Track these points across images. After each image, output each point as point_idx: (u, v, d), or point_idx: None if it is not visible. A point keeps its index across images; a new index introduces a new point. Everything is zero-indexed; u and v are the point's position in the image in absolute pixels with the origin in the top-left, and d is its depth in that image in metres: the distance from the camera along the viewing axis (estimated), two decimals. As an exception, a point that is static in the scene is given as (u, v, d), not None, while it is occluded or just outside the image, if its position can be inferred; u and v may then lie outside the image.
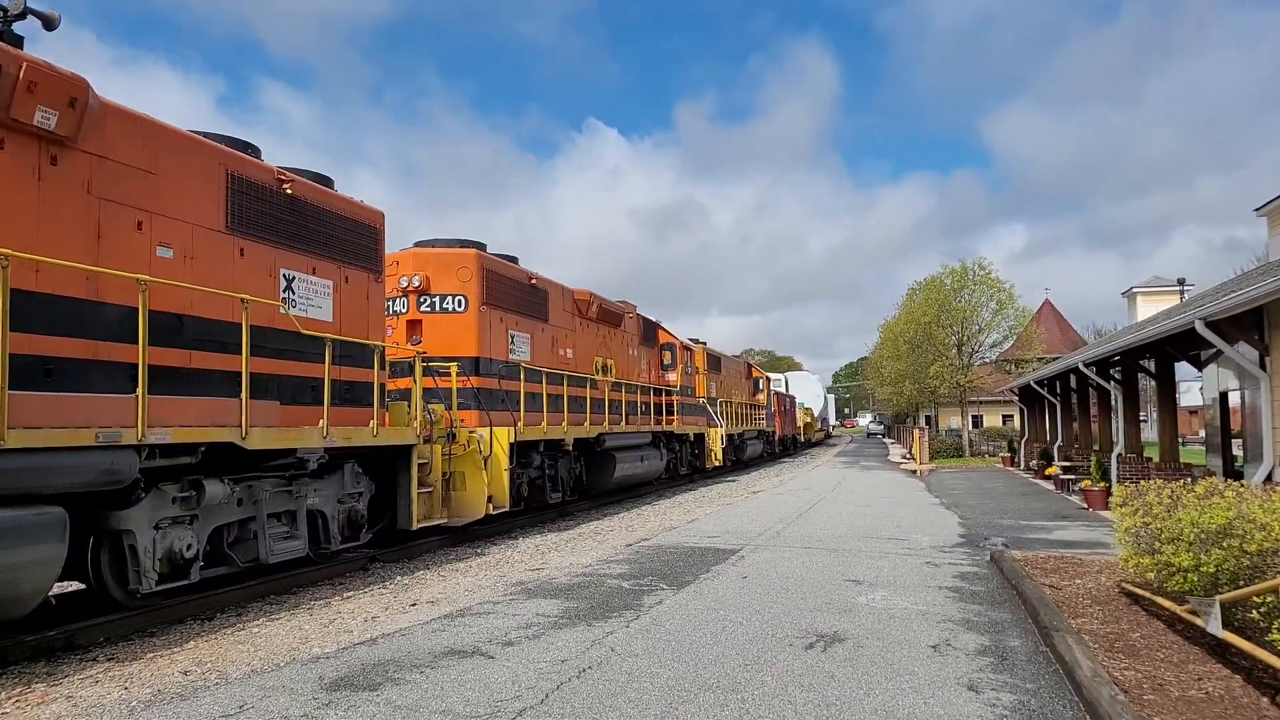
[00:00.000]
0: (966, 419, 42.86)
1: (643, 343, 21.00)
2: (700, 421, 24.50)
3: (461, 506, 11.48)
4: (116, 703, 5.08)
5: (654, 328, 22.47)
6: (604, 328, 18.05)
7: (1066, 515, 14.56)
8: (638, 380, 19.95)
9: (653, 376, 21.82)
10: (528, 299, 14.76)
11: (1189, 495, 6.66)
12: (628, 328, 19.82)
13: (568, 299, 16.42)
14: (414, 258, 13.13)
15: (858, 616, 7.01)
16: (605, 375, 17.75)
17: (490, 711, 4.75)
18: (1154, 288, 35.19)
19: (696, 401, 24.59)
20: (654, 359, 22.17)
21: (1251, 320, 10.57)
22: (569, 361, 15.91)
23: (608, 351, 18.20)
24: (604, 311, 17.88)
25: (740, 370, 33.36)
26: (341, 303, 9.64)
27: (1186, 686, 4.96)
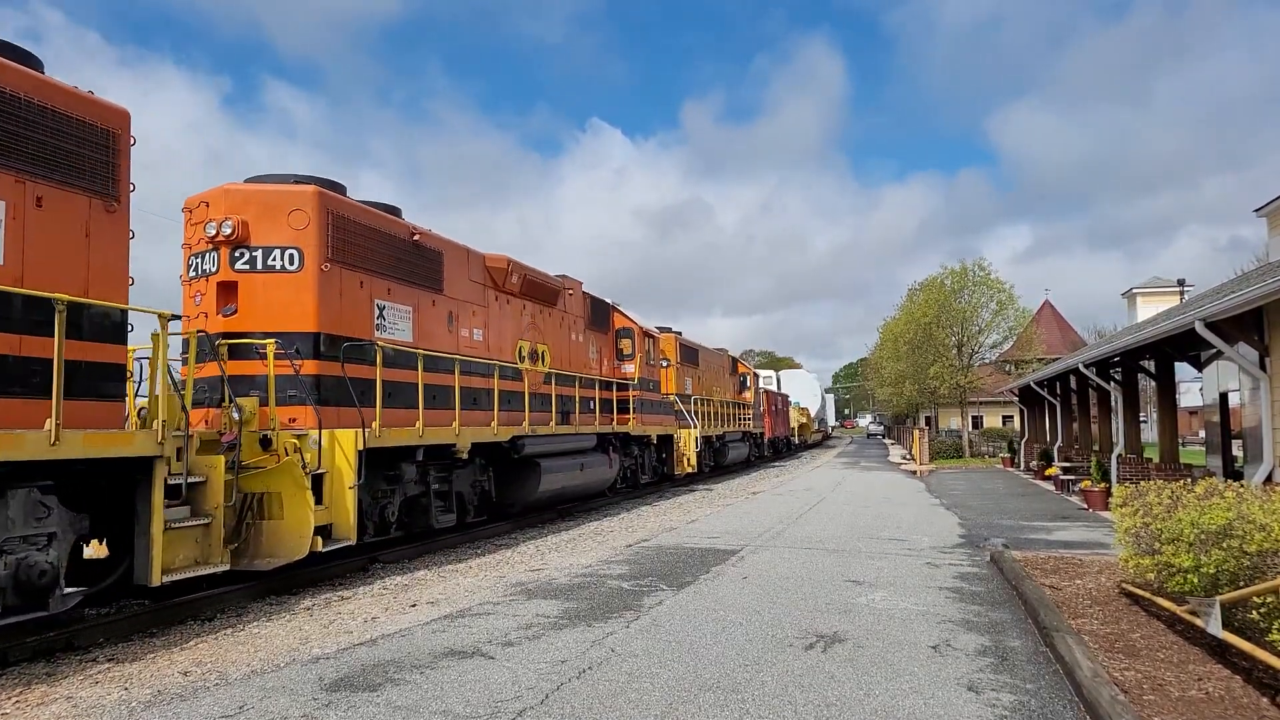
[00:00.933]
0: (966, 420, 42.87)
1: (592, 327, 17.60)
2: (668, 421, 21.25)
3: (275, 542, 8.26)
4: (116, 703, 5.08)
5: (606, 310, 18.83)
6: (533, 306, 14.68)
7: (1066, 516, 14.56)
8: (584, 371, 16.61)
9: (606, 368, 18.42)
10: (407, 261, 11.23)
11: (1189, 496, 6.67)
12: (569, 308, 16.34)
13: (475, 266, 12.97)
14: (226, 197, 9.52)
15: (858, 617, 7.01)
16: (536, 364, 14.54)
17: (490, 712, 4.75)
18: (1154, 288, 35.20)
19: (663, 398, 21.37)
20: (607, 347, 18.68)
21: (1251, 321, 10.57)
22: (476, 345, 12.74)
23: (538, 335, 14.85)
24: (531, 285, 14.50)
25: (723, 365, 30.23)
26: (27, 237, 6.44)
27: (1186, 687, 4.96)
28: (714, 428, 26.04)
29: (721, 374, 29.33)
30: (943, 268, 40.99)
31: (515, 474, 13.45)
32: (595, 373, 17.46)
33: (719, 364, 29.46)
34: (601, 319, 18.42)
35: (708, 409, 25.30)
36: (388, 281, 10.80)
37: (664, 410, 21.14)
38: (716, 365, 28.92)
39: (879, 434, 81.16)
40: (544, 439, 13.92)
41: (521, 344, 14.29)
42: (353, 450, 8.98)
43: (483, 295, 13.21)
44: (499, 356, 13.29)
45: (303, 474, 8.27)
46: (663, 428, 20.82)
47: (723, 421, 27.44)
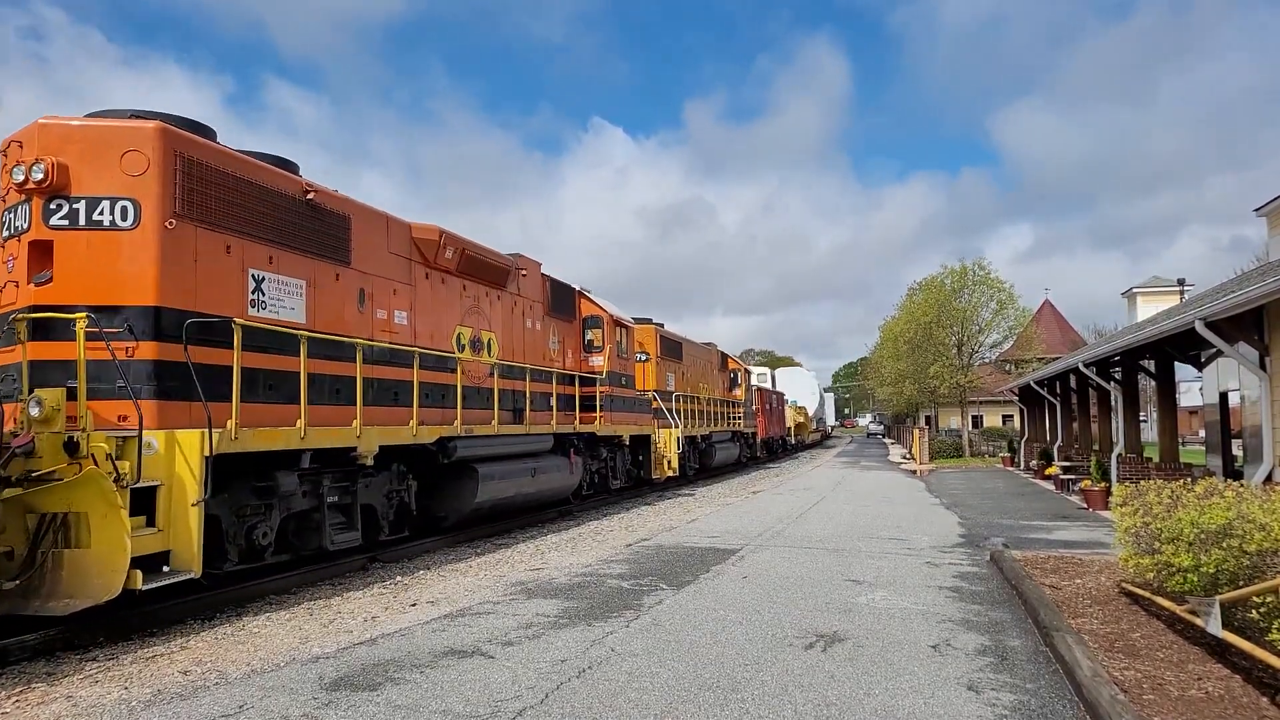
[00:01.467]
0: (966, 419, 42.87)
1: (554, 314, 15.59)
2: (644, 420, 19.43)
3: (77, 577, 6.27)
4: (116, 702, 5.08)
5: (571, 296, 16.58)
6: (476, 286, 12.68)
7: (1066, 515, 14.56)
8: (541, 363, 14.55)
9: (571, 361, 16.35)
10: (300, 224, 9.05)
11: (1189, 495, 6.66)
12: (524, 290, 14.27)
13: (398, 236, 10.81)
14: (41, 134, 7.36)
15: (858, 616, 7.01)
16: (479, 354, 12.58)
17: (490, 711, 4.75)
18: (1154, 288, 35.22)
19: (639, 395, 19.50)
20: (572, 338, 16.48)
21: (1251, 320, 10.57)
22: (399, 329, 10.67)
23: (483, 321, 12.85)
24: (472, 262, 12.40)
25: (711, 361, 28.28)
26: None
27: (1186, 686, 4.96)
28: (699, 427, 24.36)
29: (709, 370, 27.57)
30: (943, 267, 41.02)
31: (448, 482, 11.62)
32: (557, 365, 15.40)
33: (706, 359, 27.61)
34: (565, 306, 16.27)
35: (692, 407, 23.59)
36: (269, 248, 8.63)
37: (639, 408, 19.24)
38: (703, 360, 27.10)
39: (879, 433, 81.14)
40: (483, 440, 11.97)
41: (461, 330, 12.19)
42: (197, 456, 6.96)
43: (409, 272, 11.03)
44: (430, 344, 11.25)
45: (113, 488, 6.19)
46: (638, 427, 18.88)
47: (710, 420, 25.79)
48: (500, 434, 12.55)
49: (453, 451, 11.22)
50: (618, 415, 17.60)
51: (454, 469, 11.53)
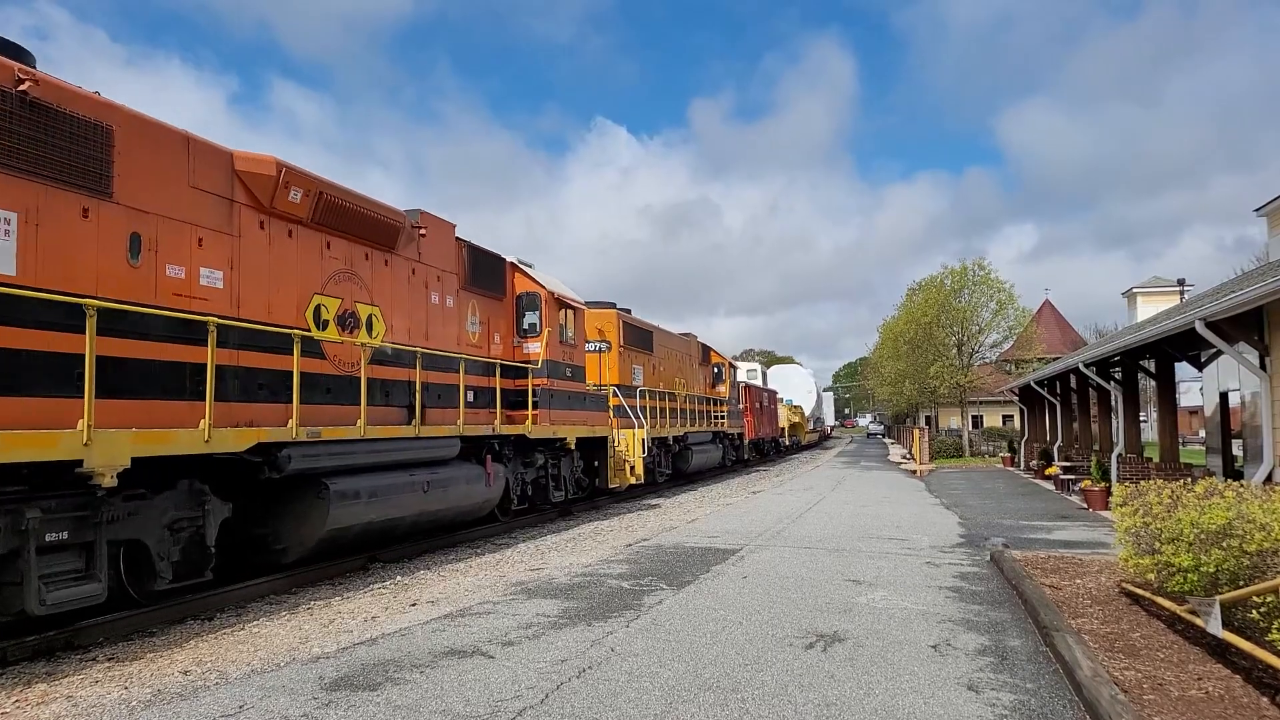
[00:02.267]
0: (966, 419, 42.88)
1: (473, 288, 12.83)
2: (598, 419, 16.36)
3: None
4: (116, 703, 5.08)
5: (498, 267, 13.73)
6: (350, 246, 9.93)
7: (1066, 515, 14.56)
8: (456, 349, 11.98)
9: (501, 347, 13.65)
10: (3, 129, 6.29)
11: (1189, 495, 6.67)
12: (428, 256, 11.51)
13: (210, 165, 8.18)
14: None
15: (858, 616, 7.01)
16: (354, 334, 9.91)
17: (490, 712, 4.75)
18: (1154, 288, 35.22)
19: (594, 390, 16.68)
20: (501, 319, 13.72)
21: (1251, 320, 10.57)
22: (208, 295, 8.01)
23: (360, 291, 10.07)
24: (339, 212, 9.61)
25: (690, 353, 25.76)
26: None
27: (1186, 686, 4.95)
28: (673, 427, 21.78)
29: (687, 363, 25.17)
30: (943, 267, 41.07)
31: (287, 504, 8.83)
32: (479, 351, 12.82)
33: (684, 351, 25.01)
34: (491, 280, 13.44)
35: (664, 404, 21.22)
36: None
37: (592, 405, 16.23)
38: (680, 353, 24.49)
39: (879, 434, 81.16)
40: (337, 447, 9.02)
41: (322, 302, 9.41)
42: None
43: (229, 216, 8.36)
44: (267, 316, 8.64)
45: None
46: (588, 428, 15.71)
47: (686, 420, 23.23)
48: (370, 438, 9.47)
49: (284, 463, 8.28)
50: (559, 414, 14.66)
51: (293, 485, 8.66)
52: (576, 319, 16.06)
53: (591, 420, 16.11)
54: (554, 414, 14.51)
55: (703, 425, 25.19)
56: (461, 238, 12.61)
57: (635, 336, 20.49)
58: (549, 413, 14.26)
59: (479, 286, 13.10)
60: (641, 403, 19.37)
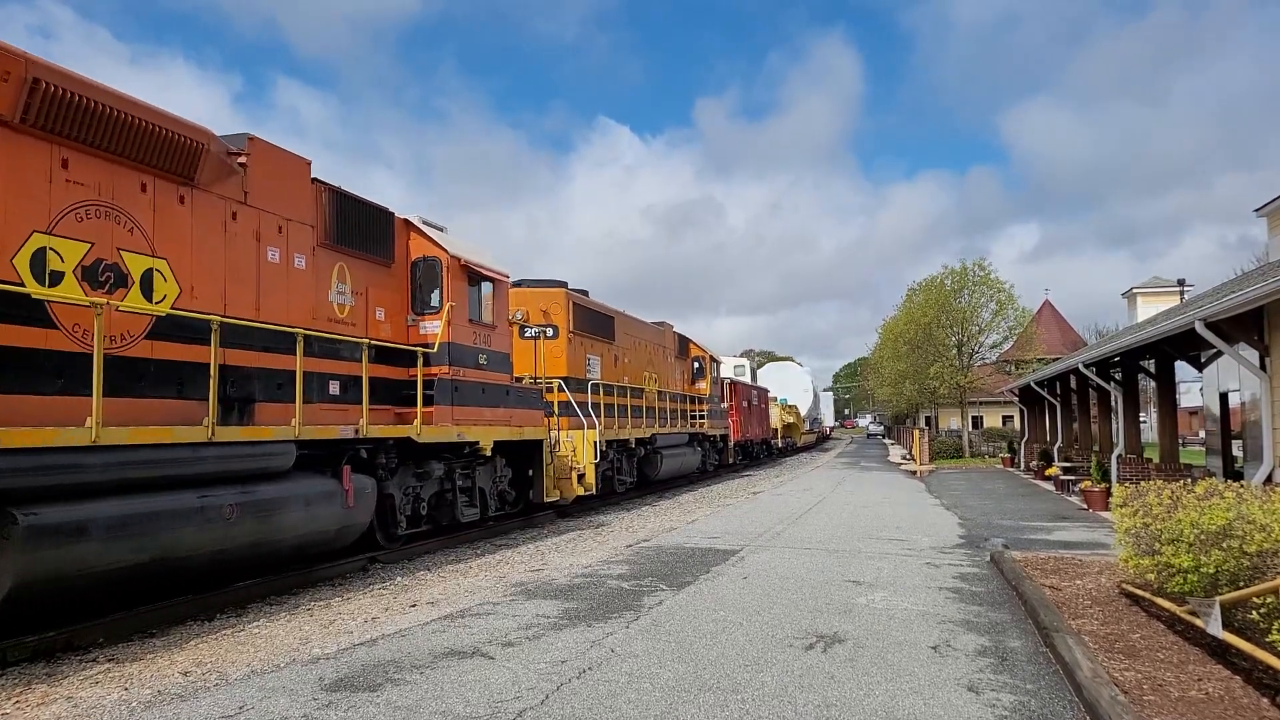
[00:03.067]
0: (966, 420, 42.90)
1: (338, 246, 9.80)
2: (528, 418, 13.45)
3: None
4: (116, 703, 5.08)
5: (381, 221, 10.59)
6: (103, 167, 7.15)
7: (1066, 516, 14.56)
8: (309, 324, 9.13)
9: (387, 326, 10.63)
10: None
11: (1189, 496, 6.67)
12: (257, 197, 8.67)
13: None
14: None
15: (858, 617, 7.01)
16: (113, 293, 7.11)
17: (490, 712, 4.75)
18: (1154, 288, 35.26)
19: (523, 385, 14.01)
20: (390, 288, 10.76)
21: (1251, 321, 10.58)
22: None
23: (135, 235, 7.40)
24: (79, 113, 6.80)
25: (664, 345, 22.88)
26: None
27: (1186, 687, 4.95)
28: (637, 428, 18.93)
29: (660, 356, 22.33)
30: (943, 267, 41.09)
31: None
32: (352, 330, 9.92)
33: (655, 342, 22.09)
34: (372, 239, 10.38)
35: (629, 401, 18.56)
36: None
37: (518, 400, 13.21)
38: (651, 344, 21.61)
39: (879, 434, 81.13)
40: (42, 459, 6.15)
41: (49, 244, 6.65)
42: None
43: None
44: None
45: None
46: (512, 429, 12.83)
47: (656, 419, 20.68)
48: (115, 445, 6.62)
49: None
50: (468, 411, 11.63)
51: None
52: (497, 294, 12.74)
53: (518, 419, 13.19)
54: (460, 411, 11.46)
55: (677, 425, 22.68)
56: (323, 180, 9.61)
57: (591, 321, 17.63)
58: (452, 410, 11.25)
59: (353, 246, 10.05)
60: (596, 399, 16.68)
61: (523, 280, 16.22)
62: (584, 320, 17.20)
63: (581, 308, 17.18)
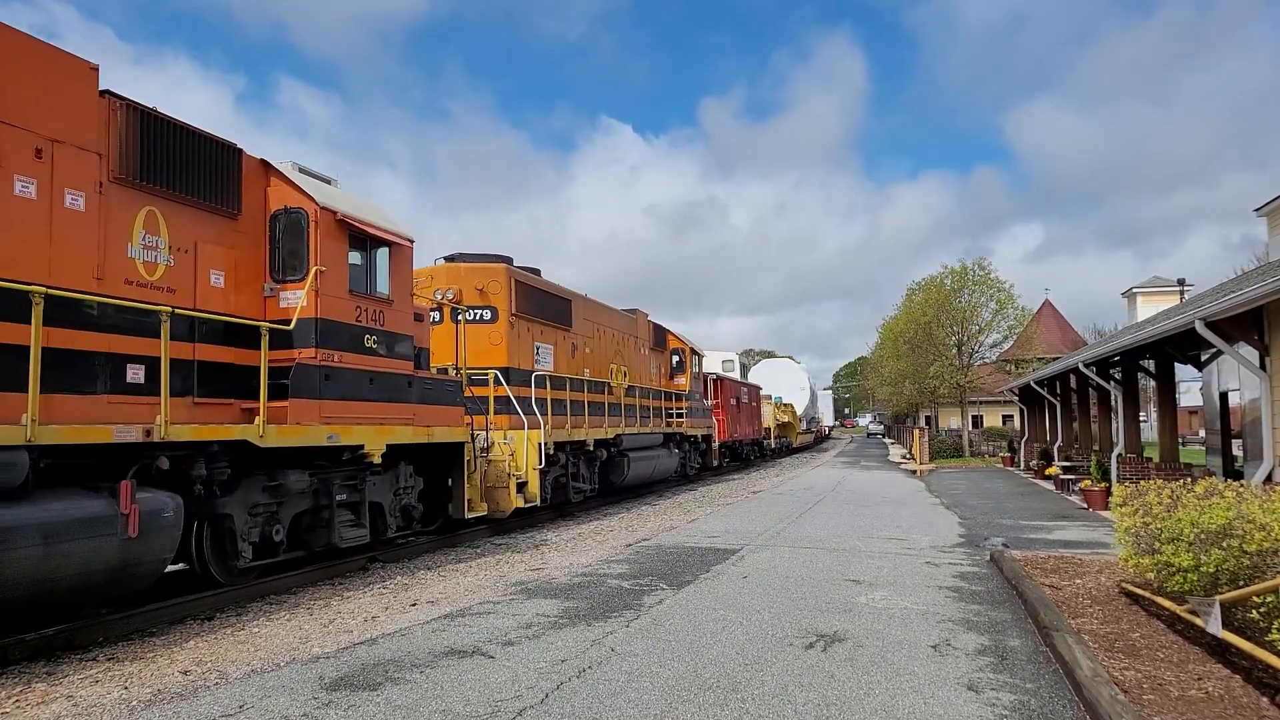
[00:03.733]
0: (966, 419, 42.90)
1: (148, 185, 7.53)
2: (446, 416, 11.04)
3: None
4: (116, 702, 5.08)
5: (220, 159, 8.34)
6: None
7: (1066, 515, 14.56)
8: (82, 286, 6.80)
9: (234, 297, 8.51)
10: None
11: (1189, 495, 6.67)
12: (49, 123, 6.62)
13: None
14: None
15: (858, 616, 7.01)
16: None
17: (490, 711, 4.75)
18: (1154, 288, 35.33)
19: (435, 375, 11.47)
20: (237, 246, 8.55)
21: (1251, 320, 10.58)
22: None
23: None
24: None
25: (636, 335, 20.60)
26: None
27: (1186, 686, 4.96)
28: (596, 428, 16.48)
29: (631, 347, 20.05)
30: (943, 267, 41.08)
31: None
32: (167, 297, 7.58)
33: (625, 331, 19.75)
34: (206, 180, 8.15)
35: (588, 397, 16.24)
36: None
37: (430, 395, 10.67)
38: (619, 333, 19.36)
39: (879, 434, 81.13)
40: None
41: None
42: None
43: None
44: None
45: None
46: (416, 429, 10.35)
47: (624, 418, 18.30)
48: None
49: None
50: (350, 407, 9.21)
51: None
52: (396, 262, 10.13)
53: (426, 417, 10.50)
54: (334, 407, 8.94)
55: (650, 425, 20.27)
56: (122, 95, 7.28)
57: (540, 304, 15.27)
58: (320, 404, 8.77)
59: (172, 187, 7.71)
60: (543, 394, 14.25)
61: (457, 255, 14.47)
62: (531, 302, 14.90)
63: (528, 288, 14.82)
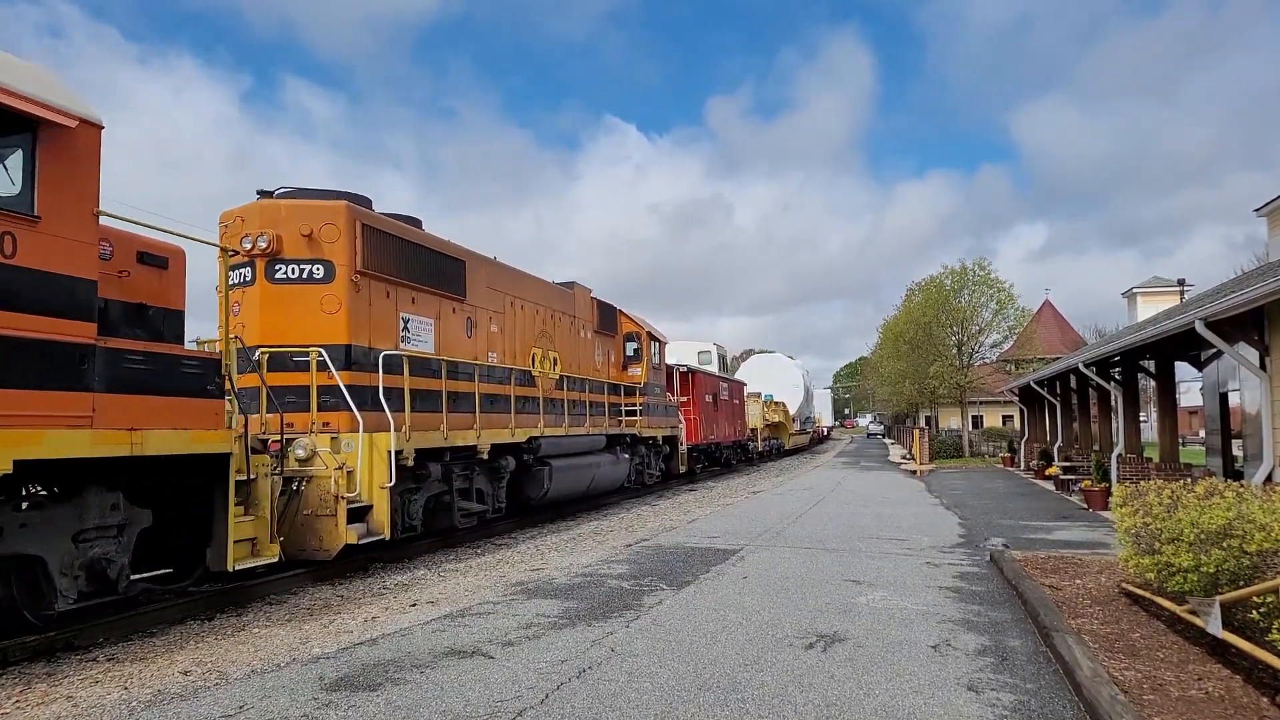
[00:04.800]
0: (966, 419, 42.89)
1: None
2: (185, 416, 6.96)
3: None
4: (117, 703, 5.08)
5: None
6: None
7: (1066, 515, 14.56)
8: None
9: None
10: None
11: (1189, 496, 6.66)
12: None
13: None
14: None
15: (858, 616, 7.01)
16: None
17: (490, 712, 4.75)
18: (1154, 288, 35.28)
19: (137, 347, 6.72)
20: None
21: (1251, 320, 10.57)
22: None
23: None
24: None
25: (574, 315, 16.78)
26: None
27: (1186, 686, 4.95)
28: (496, 427, 12.76)
29: (566, 329, 16.21)
30: (944, 267, 41.06)
31: None
32: None
33: (555, 309, 15.82)
34: None
35: (492, 389, 12.76)
36: None
37: (149, 380, 6.66)
38: (546, 310, 15.40)
39: (879, 434, 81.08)
40: None
41: None
42: None
43: None
44: None
45: None
46: (91, 432, 6.13)
47: (547, 415, 14.53)
48: None
49: None
50: None
51: None
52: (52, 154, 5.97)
53: (130, 415, 6.47)
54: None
55: (589, 425, 16.31)
56: None
57: (408, 262, 11.22)
58: None
59: None
60: (396, 381, 10.32)
61: (280, 190, 10.46)
62: (391, 259, 10.81)
63: (385, 238, 10.72)
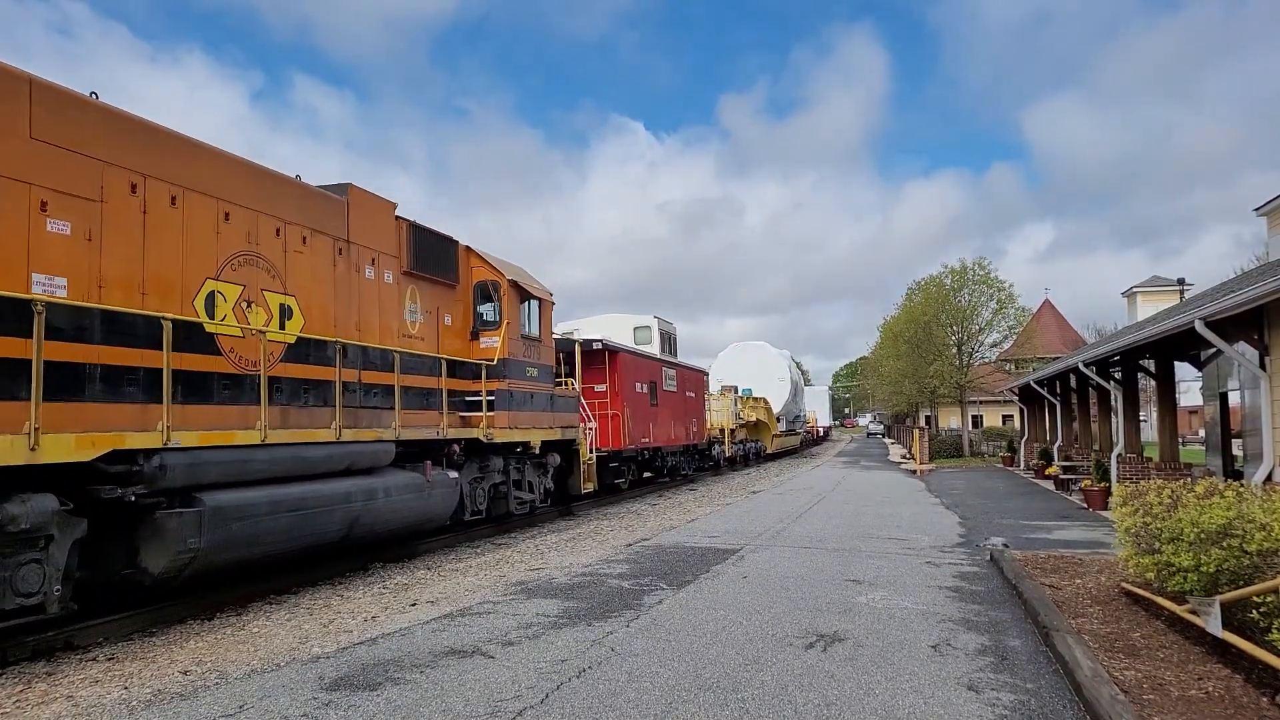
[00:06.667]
0: (966, 419, 42.87)
1: None
2: None
3: None
4: (116, 702, 5.08)
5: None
6: None
7: (1066, 515, 14.56)
8: None
9: None
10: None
11: (1189, 495, 6.66)
12: None
13: None
14: None
15: (858, 616, 7.01)
16: None
17: (490, 711, 4.75)
18: (1154, 288, 35.32)
19: None
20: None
21: (1251, 320, 10.57)
22: None
23: None
24: None
25: (346, 235, 9.88)
26: None
27: (1186, 686, 4.95)
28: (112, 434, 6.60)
29: (324, 258, 9.54)
30: (944, 266, 41.04)
31: None
32: None
33: (309, 221, 9.31)
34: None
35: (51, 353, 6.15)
36: None
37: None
38: (289, 222, 8.97)
39: (879, 433, 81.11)
40: None
41: None
42: None
43: None
44: None
45: None
46: None
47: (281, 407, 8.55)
48: None
49: None
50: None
51: None
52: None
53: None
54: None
55: (362, 421, 9.74)
56: None
57: None
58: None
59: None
60: None
61: None
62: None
63: None
